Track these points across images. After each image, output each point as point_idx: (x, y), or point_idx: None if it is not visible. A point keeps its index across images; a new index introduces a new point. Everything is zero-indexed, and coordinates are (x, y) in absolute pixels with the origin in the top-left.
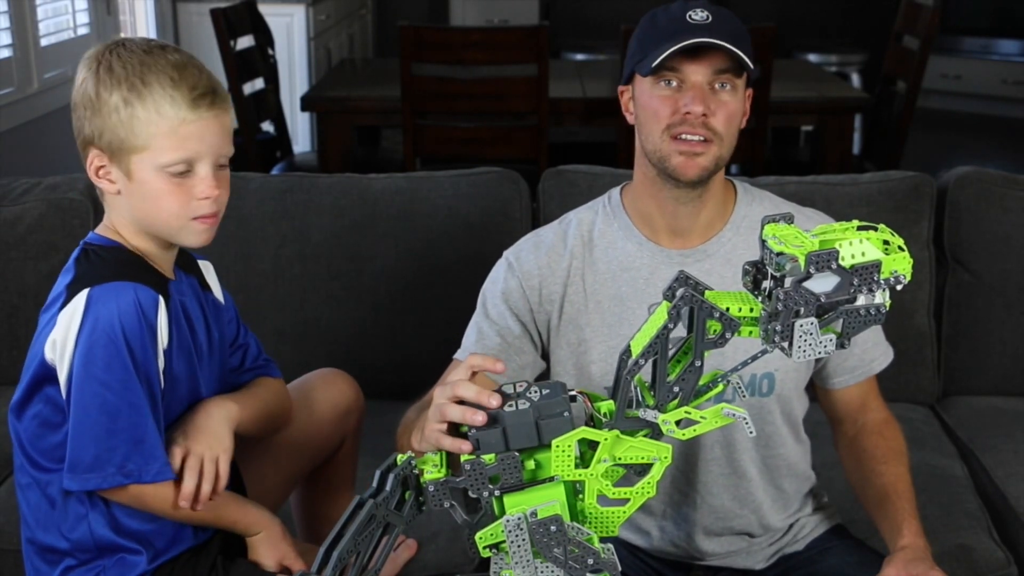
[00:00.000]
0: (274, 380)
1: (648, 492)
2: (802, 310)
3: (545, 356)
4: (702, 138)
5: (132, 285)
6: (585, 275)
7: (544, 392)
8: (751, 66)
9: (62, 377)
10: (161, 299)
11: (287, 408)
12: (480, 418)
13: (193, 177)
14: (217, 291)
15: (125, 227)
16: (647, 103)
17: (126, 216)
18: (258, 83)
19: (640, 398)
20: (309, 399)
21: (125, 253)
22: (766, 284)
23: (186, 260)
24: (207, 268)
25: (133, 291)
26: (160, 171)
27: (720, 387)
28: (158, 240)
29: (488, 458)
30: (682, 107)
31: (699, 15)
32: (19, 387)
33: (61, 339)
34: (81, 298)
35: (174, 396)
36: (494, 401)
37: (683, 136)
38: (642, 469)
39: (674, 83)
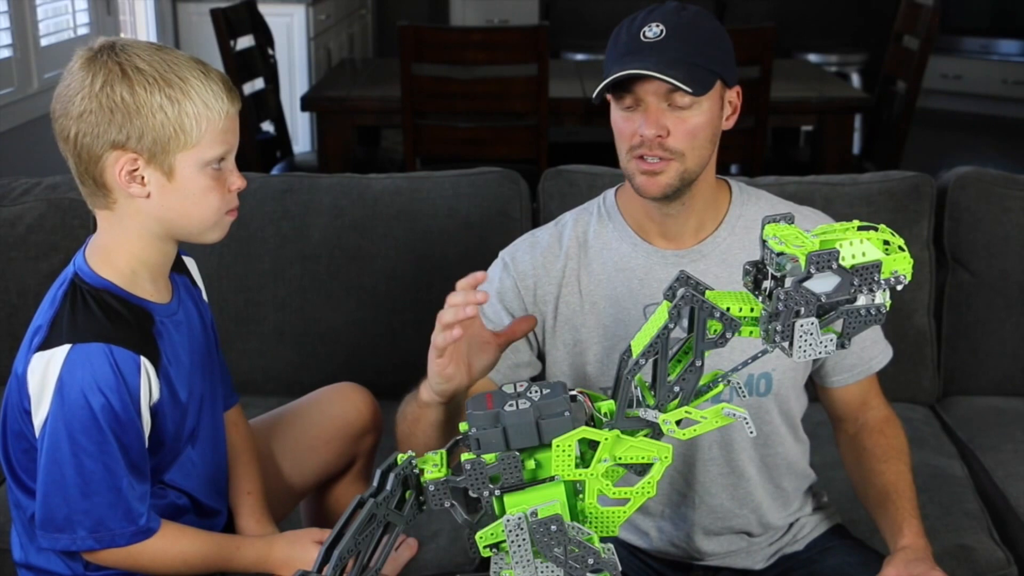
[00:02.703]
0: (238, 417)
1: (648, 492)
2: (803, 310)
3: (541, 357)
4: (659, 158)
5: (111, 350)
6: (580, 276)
7: (545, 392)
8: (688, 89)
9: (36, 421)
10: (143, 359)
11: (252, 440)
12: (470, 310)
13: (224, 171)
14: (202, 288)
15: (137, 238)
16: (614, 122)
17: (146, 223)
18: (258, 83)
19: (640, 398)
20: (319, 414)
21: (113, 300)
22: (767, 284)
23: (176, 260)
24: (191, 264)
25: (113, 356)
26: (204, 167)
27: (720, 387)
28: (167, 246)
29: (488, 458)
30: (637, 130)
31: (652, 31)
32: (6, 411)
33: (37, 383)
34: (61, 352)
35: (177, 427)
36: (480, 296)
37: (644, 156)
38: (642, 469)
39: (630, 102)
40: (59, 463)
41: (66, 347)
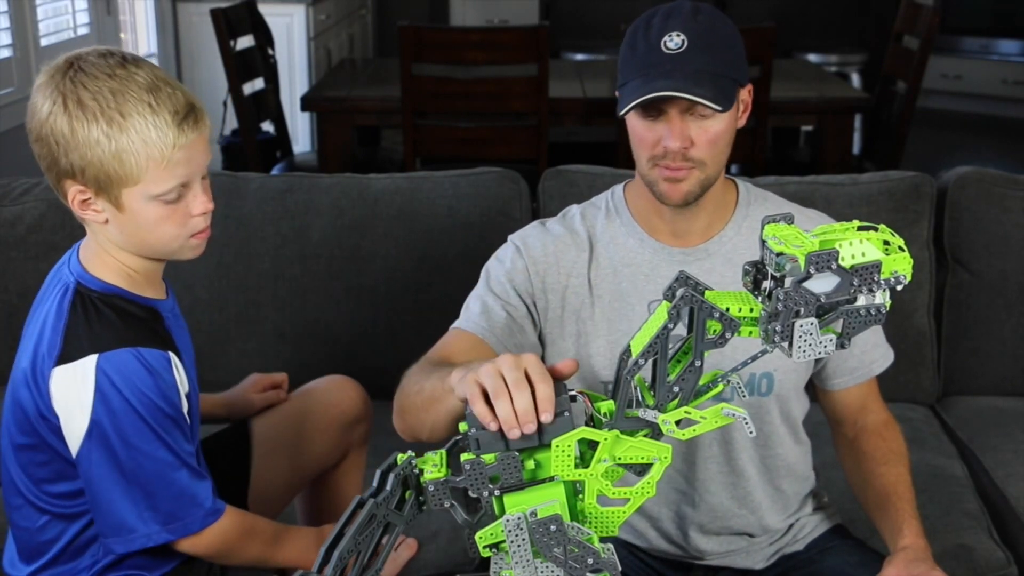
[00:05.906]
0: None
1: (648, 492)
2: (802, 310)
3: (540, 341)
4: (681, 168)
5: (139, 352)
6: (588, 269)
7: None
8: (718, 108)
9: (72, 436)
10: (171, 354)
11: None
12: (494, 426)
13: (186, 197)
14: None
15: (117, 250)
16: (633, 128)
17: (116, 241)
18: (258, 83)
19: (640, 398)
20: (314, 405)
21: (123, 302)
22: (766, 284)
23: None
24: None
25: (143, 358)
26: (153, 200)
27: (720, 387)
28: (150, 260)
29: (488, 458)
30: (661, 141)
31: (674, 41)
32: (11, 427)
33: (69, 397)
34: (89, 363)
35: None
36: (528, 428)
37: (666, 165)
38: (642, 469)
39: (653, 112)
40: (118, 469)
41: (92, 357)
